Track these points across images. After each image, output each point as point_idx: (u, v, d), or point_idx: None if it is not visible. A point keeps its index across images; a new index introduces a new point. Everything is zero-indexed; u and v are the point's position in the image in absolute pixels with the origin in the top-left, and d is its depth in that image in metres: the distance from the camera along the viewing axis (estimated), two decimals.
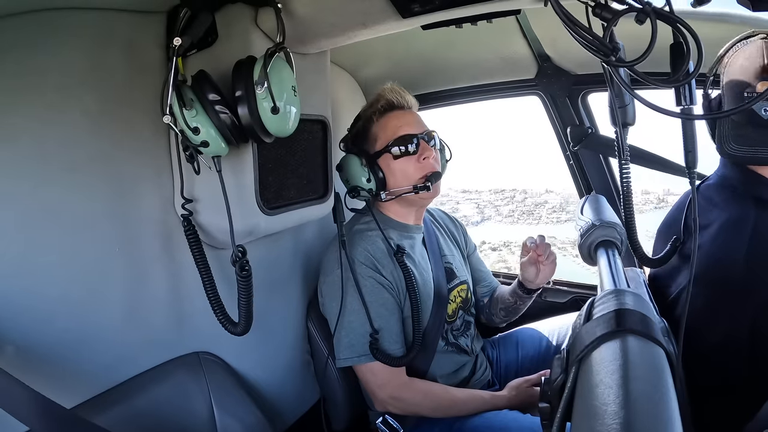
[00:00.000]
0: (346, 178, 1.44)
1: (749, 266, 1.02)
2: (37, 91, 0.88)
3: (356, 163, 1.40)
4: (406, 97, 1.47)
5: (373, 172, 1.41)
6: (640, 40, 0.71)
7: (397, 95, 1.45)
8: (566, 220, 11.86)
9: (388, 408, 1.38)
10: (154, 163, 1.10)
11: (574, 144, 1.83)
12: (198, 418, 1.12)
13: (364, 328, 1.34)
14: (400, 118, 1.44)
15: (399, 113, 1.45)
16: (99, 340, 1.00)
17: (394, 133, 1.41)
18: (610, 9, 0.76)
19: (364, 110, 1.49)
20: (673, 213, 1.24)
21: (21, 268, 0.87)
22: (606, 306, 0.64)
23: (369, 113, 1.45)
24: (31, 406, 0.76)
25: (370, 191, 1.43)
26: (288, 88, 0.97)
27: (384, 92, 1.45)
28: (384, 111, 1.44)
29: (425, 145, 1.43)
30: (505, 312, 1.70)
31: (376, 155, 1.42)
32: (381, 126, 1.43)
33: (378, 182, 1.42)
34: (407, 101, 1.47)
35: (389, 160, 1.42)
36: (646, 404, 0.47)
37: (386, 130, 1.42)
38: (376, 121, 1.44)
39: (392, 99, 1.44)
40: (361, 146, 1.46)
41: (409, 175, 1.42)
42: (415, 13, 0.99)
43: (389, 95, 1.44)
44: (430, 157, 1.42)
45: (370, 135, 1.45)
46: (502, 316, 1.72)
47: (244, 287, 1.03)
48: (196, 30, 0.98)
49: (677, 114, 0.84)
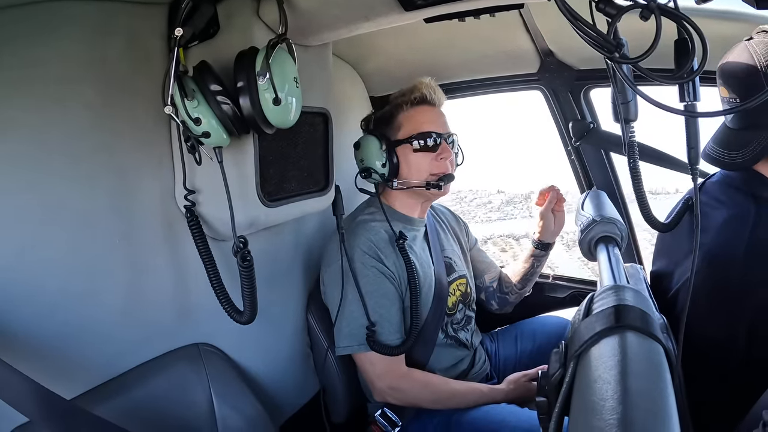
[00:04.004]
0: (362, 158, 1.45)
1: (747, 265, 1.02)
2: (38, 83, 0.87)
3: (376, 145, 1.42)
4: (438, 95, 1.48)
5: (389, 158, 1.42)
6: (643, 35, 0.71)
7: (431, 91, 1.46)
8: (497, 219, 12.10)
9: (386, 398, 1.39)
10: (155, 154, 1.10)
11: (576, 139, 1.83)
12: (198, 409, 1.13)
13: (364, 318, 1.34)
14: (429, 114, 1.45)
15: (429, 109, 1.46)
16: (99, 332, 1.00)
17: (419, 126, 1.43)
18: (614, 4, 0.75)
19: (395, 97, 1.50)
20: (674, 210, 1.24)
21: (21, 260, 0.87)
22: (605, 302, 0.64)
23: (400, 101, 1.46)
24: (30, 397, 0.77)
25: (383, 176, 1.44)
26: (290, 80, 0.96)
27: (420, 85, 1.46)
28: (415, 103, 1.45)
29: (445, 146, 1.44)
30: (521, 282, 1.71)
31: (396, 143, 1.43)
32: (408, 116, 1.45)
33: (392, 169, 1.43)
34: (439, 99, 1.49)
35: (408, 151, 1.43)
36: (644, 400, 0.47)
37: (412, 121, 1.44)
38: (405, 110, 1.45)
39: (426, 94, 1.45)
40: (382, 130, 1.47)
41: (423, 169, 1.43)
42: (418, 6, 0.98)
43: (424, 90, 1.45)
44: (447, 158, 1.44)
45: (395, 122, 1.46)
46: (518, 289, 1.73)
47: (246, 276, 1.03)
48: (198, 21, 0.98)
49: (680, 111, 0.84)
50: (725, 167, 1.11)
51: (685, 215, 1.10)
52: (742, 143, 1.04)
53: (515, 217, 11.75)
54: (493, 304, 1.78)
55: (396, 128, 1.45)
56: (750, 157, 1.03)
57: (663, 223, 1.12)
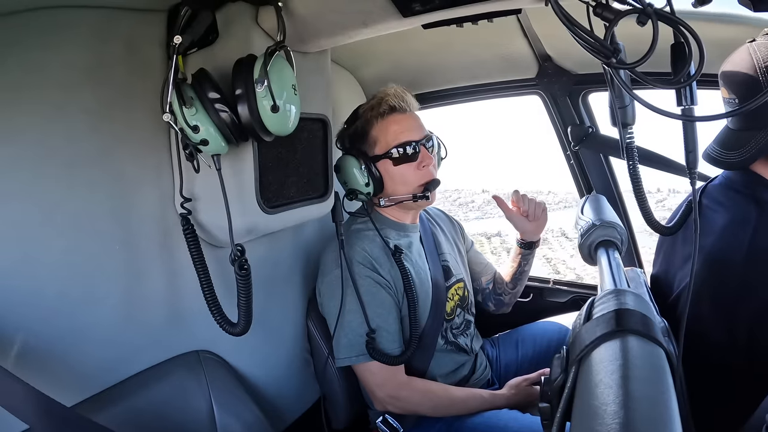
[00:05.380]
0: (344, 180, 1.43)
1: (748, 268, 1.02)
2: (37, 89, 0.88)
3: (355, 165, 1.40)
4: (407, 100, 1.44)
5: (371, 174, 1.41)
6: (640, 39, 0.71)
7: (399, 100, 1.42)
8: (475, 218, 12.15)
9: (387, 407, 1.38)
10: (154, 161, 1.10)
11: (575, 143, 1.83)
12: (198, 416, 1.12)
13: (362, 328, 1.34)
14: (401, 123, 1.42)
15: (400, 117, 1.42)
16: (99, 339, 1.00)
17: (395, 138, 1.40)
18: (612, 9, 0.75)
19: (364, 110, 1.45)
20: (677, 213, 1.24)
21: (20, 266, 0.87)
22: (606, 306, 0.64)
23: (369, 115, 1.43)
24: (30, 404, 0.76)
25: (368, 195, 1.43)
26: (288, 87, 0.97)
27: (386, 97, 1.42)
28: (385, 114, 1.42)
29: (425, 152, 1.42)
30: (513, 283, 1.72)
31: (375, 158, 1.41)
32: (381, 129, 1.42)
33: (376, 185, 1.42)
34: (409, 104, 1.45)
35: (388, 165, 1.41)
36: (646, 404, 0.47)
37: (387, 134, 1.41)
38: (377, 123, 1.42)
39: (394, 104, 1.41)
40: (359, 147, 1.44)
41: (408, 181, 1.42)
42: (416, 12, 0.98)
43: (392, 101, 1.41)
44: (429, 164, 1.42)
45: (369, 137, 1.43)
46: (511, 289, 1.73)
47: (243, 286, 1.03)
48: (197, 28, 0.99)
49: (677, 115, 0.84)
50: (723, 167, 1.11)
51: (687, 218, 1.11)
52: (741, 143, 1.05)
53: (493, 216, 11.79)
54: (490, 306, 1.78)
55: (371, 143, 1.43)
56: (747, 157, 1.04)
57: (665, 226, 1.12)
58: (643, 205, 1.05)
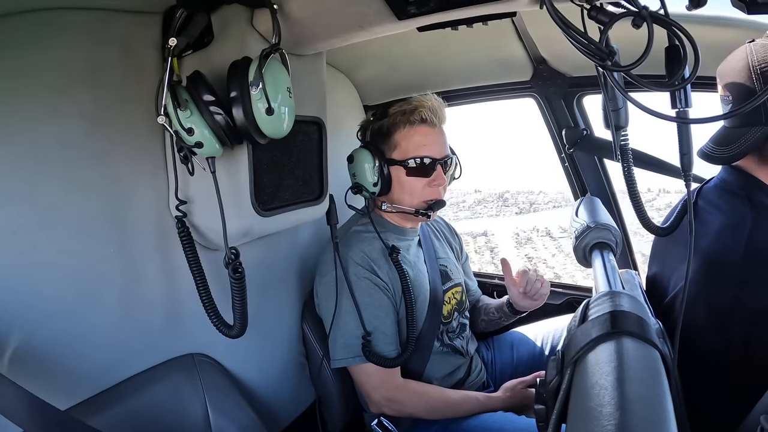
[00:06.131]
0: (354, 172, 1.44)
1: (744, 270, 1.03)
2: (32, 91, 0.88)
3: (369, 162, 1.40)
4: (441, 116, 1.43)
5: (382, 176, 1.41)
6: (635, 42, 0.71)
7: (433, 114, 1.40)
8: (464, 217, 12.28)
9: (383, 410, 1.38)
10: (149, 163, 1.09)
11: (570, 146, 1.83)
12: (193, 419, 1.12)
13: (359, 330, 1.34)
14: (427, 136, 1.41)
15: (428, 130, 1.41)
16: (94, 342, 0.99)
17: (416, 149, 1.40)
18: (606, 12, 0.76)
19: (394, 111, 1.43)
20: (672, 214, 1.24)
21: (16, 269, 0.87)
22: (601, 308, 0.64)
23: (399, 119, 1.41)
24: (25, 408, 0.76)
25: (373, 194, 1.43)
26: (283, 90, 0.97)
27: (422, 108, 1.39)
28: (414, 123, 1.40)
29: (440, 172, 1.42)
30: (485, 323, 1.73)
31: (391, 162, 1.41)
32: (406, 136, 1.41)
33: (384, 187, 1.42)
34: (441, 120, 1.44)
35: (401, 172, 1.41)
36: (642, 406, 0.47)
37: (410, 142, 1.40)
38: (403, 129, 1.41)
39: (427, 117, 1.39)
40: (378, 145, 1.44)
41: (415, 193, 1.42)
42: (411, 15, 0.99)
43: (426, 114, 1.39)
44: (440, 185, 1.42)
45: (391, 139, 1.42)
46: (482, 327, 1.75)
47: (237, 289, 1.03)
48: (192, 31, 0.98)
49: (672, 117, 0.84)
50: (712, 161, 1.12)
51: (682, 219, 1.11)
52: (732, 140, 1.06)
53: (482, 215, 11.83)
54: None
55: (392, 146, 1.42)
56: (736, 153, 1.05)
57: (661, 228, 1.12)
58: (638, 207, 1.05)
